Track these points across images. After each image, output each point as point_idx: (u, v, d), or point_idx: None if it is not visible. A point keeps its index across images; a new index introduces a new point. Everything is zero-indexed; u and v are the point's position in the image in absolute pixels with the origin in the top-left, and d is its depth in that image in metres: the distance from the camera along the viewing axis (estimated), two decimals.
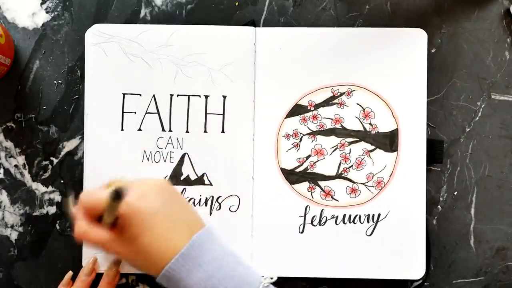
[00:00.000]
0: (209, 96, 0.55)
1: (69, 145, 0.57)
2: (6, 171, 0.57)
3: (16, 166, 0.57)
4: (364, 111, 0.55)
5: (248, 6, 0.57)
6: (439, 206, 0.56)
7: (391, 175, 0.55)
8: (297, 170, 0.55)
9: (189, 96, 0.55)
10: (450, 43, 0.57)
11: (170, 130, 0.55)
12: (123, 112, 0.55)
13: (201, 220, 0.48)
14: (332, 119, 0.55)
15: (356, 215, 0.55)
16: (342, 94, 0.55)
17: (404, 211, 0.55)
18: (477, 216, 0.56)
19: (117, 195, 0.42)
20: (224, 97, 0.55)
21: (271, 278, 0.45)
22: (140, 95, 0.55)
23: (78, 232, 0.46)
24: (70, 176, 0.57)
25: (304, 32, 0.56)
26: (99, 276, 0.55)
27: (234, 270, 0.45)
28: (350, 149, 0.55)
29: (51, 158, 0.57)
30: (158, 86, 0.55)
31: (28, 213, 0.57)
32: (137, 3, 0.57)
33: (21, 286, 0.57)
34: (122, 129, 0.55)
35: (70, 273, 0.55)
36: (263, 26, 0.57)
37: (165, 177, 0.55)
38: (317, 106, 0.56)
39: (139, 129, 0.55)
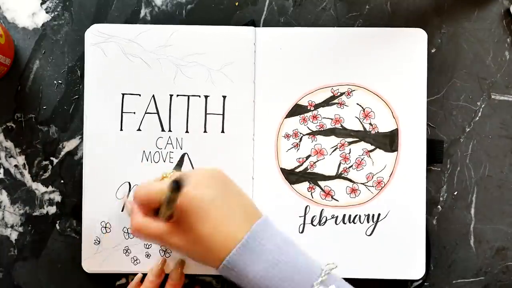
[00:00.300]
0: (209, 96, 0.55)
1: (69, 145, 0.57)
2: (6, 171, 0.57)
3: (16, 166, 0.57)
4: (364, 111, 0.55)
5: (248, 6, 0.57)
6: (439, 206, 0.56)
7: (391, 175, 0.55)
8: (297, 170, 0.55)
9: (188, 96, 0.55)
10: (450, 43, 0.56)
11: (169, 130, 0.55)
12: (122, 112, 0.55)
13: (258, 209, 0.47)
14: (332, 119, 0.55)
15: (356, 215, 0.55)
16: (342, 94, 0.55)
17: (404, 211, 0.55)
18: (477, 216, 0.56)
19: (177, 186, 0.41)
20: (224, 97, 0.55)
21: (332, 264, 0.45)
22: (140, 95, 0.55)
23: (135, 226, 0.46)
24: (70, 176, 0.57)
25: (304, 32, 0.56)
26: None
27: (295, 259, 0.44)
28: (350, 149, 0.55)
29: (51, 158, 0.57)
30: (157, 86, 0.55)
31: (28, 213, 0.57)
32: (137, 3, 0.57)
33: (21, 286, 0.57)
34: (121, 129, 0.55)
35: (140, 275, 0.55)
36: (263, 26, 0.57)
37: None
38: (317, 106, 0.55)
39: (139, 129, 0.55)
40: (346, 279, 0.55)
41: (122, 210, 0.55)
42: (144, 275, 0.55)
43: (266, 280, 0.43)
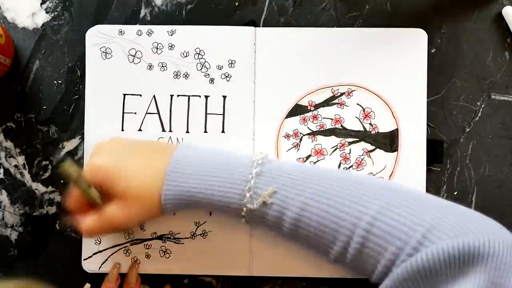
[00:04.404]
0: (209, 96, 0.55)
1: (69, 145, 0.57)
2: (6, 171, 0.57)
3: (16, 166, 0.57)
4: (364, 111, 0.55)
5: (248, 6, 0.57)
6: None
7: (391, 175, 0.55)
8: None
9: (189, 96, 0.55)
10: (450, 43, 0.57)
11: (170, 130, 0.55)
12: (123, 112, 0.55)
13: (171, 144, 0.48)
14: (332, 119, 0.55)
15: None
16: (342, 94, 0.55)
17: None
18: None
19: (60, 160, 0.42)
20: (224, 97, 0.55)
21: (262, 155, 0.45)
22: (141, 95, 0.55)
23: (85, 230, 0.46)
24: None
25: (304, 32, 0.56)
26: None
27: (226, 162, 0.45)
28: (350, 149, 0.55)
29: (51, 158, 0.57)
30: (158, 87, 0.55)
31: (28, 213, 0.57)
32: (137, 3, 0.57)
33: None
34: (122, 130, 0.55)
35: (88, 285, 0.56)
36: (263, 26, 0.57)
37: None
38: (317, 106, 0.56)
39: (140, 130, 0.55)
40: (346, 279, 0.55)
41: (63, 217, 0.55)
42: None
43: (206, 190, 0.44)
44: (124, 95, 0.55)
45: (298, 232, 0.43)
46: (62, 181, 0.44)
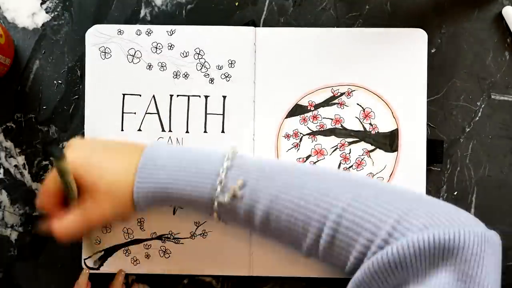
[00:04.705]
0: (209, 96, 0.55)
1: None
2: (6, 171, 0.57)
3: (16, 166, 0.57)
4: (364, 111, 0.55)
5: (248, 6, 0.57)
6: None
7: (391, 175, 0.55)
8: None
9: (189, 96, 0.55)
10: (450, 43, 0.56)
11: (170, 130, 0.55)
12: (123, 112, 0.55)
13: (142, 143, 0.48)
14: (332, 119, 0.55)
15: None
16: (342, 94, 0.55)
17: None
18: (477, 216, 0.55)
19: (56, 152, 0.41)
20: (224, 97, 0.55)
21: (232, 150, 0.45)
22: (140, 95, 0.55)
23: (61, 231, 0.45)
24: None
25: (304, 32, 0.56)
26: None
27: (196, 157, 0.45)
28: (350, 149, 0.55)
29: (51, 158, 0.57)
30: (158, 87, 0.55)
31: (28, 213, 0.57)
32: (137, 3, 0.57)
33: (21, 286, 0.57)
34: (122, 130, 0.55)
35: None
36: (263, 26, 0.57)
37: None
38: (317, 106, 0.56)
39: (139, 130, 0.55)
40: (346, 279, 0.55)
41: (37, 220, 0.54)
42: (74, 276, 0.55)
43: (177, 183, 0.44)
44: (124, 95, 0.55)
45: (270, 225, 0.43)
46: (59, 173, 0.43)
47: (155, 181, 0.44)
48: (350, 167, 0.55)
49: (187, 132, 0.55)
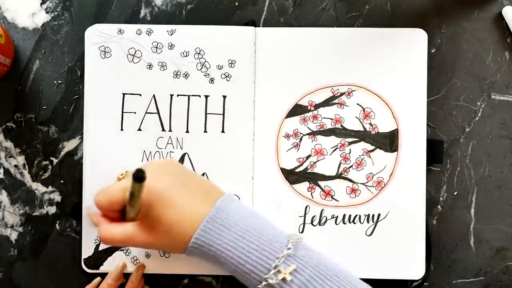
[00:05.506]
0: (209, 96, 0.55)
1: (69, 145, 0.57)
2: (6, 171, 0.57)
3: (16, 166, 0.57)
4: (364, 111, 0.55)
5: (248, 6, 0.57)
6: (439, 206, 0.56)
7: (391, 175, 0.55)
8: (297, 170, 0.55)
9: (189, 96, 0.55)
10: (450, 43, 0.57)
11: (170, 130, 0.55)
12: (123, 112, 0.55)
13: (218, 188, 0.48)
14: (332, 119, 0.55)
15: (356, 215, 0.55)
16: (342, 94, 0.55)
17: (404, 211, 0.55)
18: (477, 216, 0.56)
19: (140, 175, 0.40)
20: (224, 97, 0.55)
21: (298, 237, 0.45)
22: (140, 95, 0.55)
23: (103, 236, 0.45)
24: (70, 176, 0.57)
25: (304, 32, 0.56)
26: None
27: (262, 230, 0.45)
28: (350, 149, 0.55)
29: (51, 158, 0.57)
30: (158, 86, 0.55)
31: (28, 213, 0.57)
32: (137, 3, 0.57)
33: (21, 286, 0.57)
34: (122, 129, 0.55)
35: (98, 279, 0.55)
36: (263, 26, 0.57)
37: None
38: (317, 106, 0.56)
39: (139, 129, 0.55)
40: None
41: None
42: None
43: (236, 251, 0.43)
44: (124, 94, 0.55)
45: None
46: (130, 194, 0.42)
47: (214, 239, 0.44)
48: (350, 167, 0.55)
49: (187, 132, 0.55)
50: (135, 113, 0.55)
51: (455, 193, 0.56)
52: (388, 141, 0.55)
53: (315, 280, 0.43)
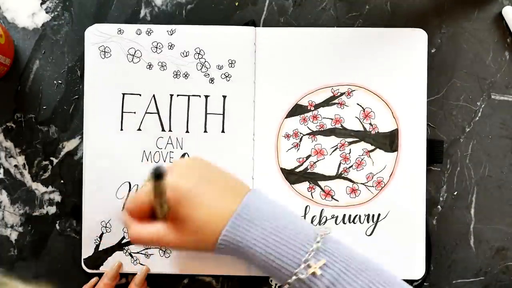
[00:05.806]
0: (209, 96, 0.55)
1: (69, 145, 0.57)
2: (6, 171, 0.57)
3: (16, 166, 0.57)
4: (364, 111, 0.55)
5: (248, 6, 0.57)
6: (439, 206, 0.56)
7: (391, 175, 0.55)
8: (297, 170, 0.55)
9: (189, 96, 0.55)
10: (450, 43, 0.57)
11: (170, 130, 0.55)
12: (122, 112, 0.55)
13: (245, 183, 0.48)
14: (332, 119, 0.55)
15: (356, 215, 0.55)
16: (342, 94, 0.55)
17: (404, 211, 0.55)
18: (477, 216, 0.56)
19: (158, 173, 0.40)
20: (224, 97, 0.55)
21: (326, 230, 0.45)
22: (140, 95, 0.55)
23: (133, 235, 0.45)
24: (70, 176, 0.57)
25: (304, 32, 0.56)
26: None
27: (289, 224, 0.44)
28: (350, 149, 0.55)
29: (51, 158, 0.57)
30: (158, 86, 0.55)
31: (28, 213, 0.57)
32: (137, 3, 0.57)
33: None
34: (121, 129, 0.55)
35: (96, 278, 0.56)
36: (263, 26, 0.57)
37: None
38: (317, 106, 0.56)
39: (139, 129, 0.55)
40: None
41: (122, 209, 0.55)
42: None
43: (265, 247, 0.43)
44: (123, 94, 0.55)
45: None
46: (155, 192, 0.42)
47: (242, 236, 0.44)
48: (350, 167, 0.55)
49: (187, 131, 0.55)
50: (135, 113, 0.55)
51: (455, 193, 0.56)
52: (388, 141, 0.55)
53: (346, 274, 0.42)
